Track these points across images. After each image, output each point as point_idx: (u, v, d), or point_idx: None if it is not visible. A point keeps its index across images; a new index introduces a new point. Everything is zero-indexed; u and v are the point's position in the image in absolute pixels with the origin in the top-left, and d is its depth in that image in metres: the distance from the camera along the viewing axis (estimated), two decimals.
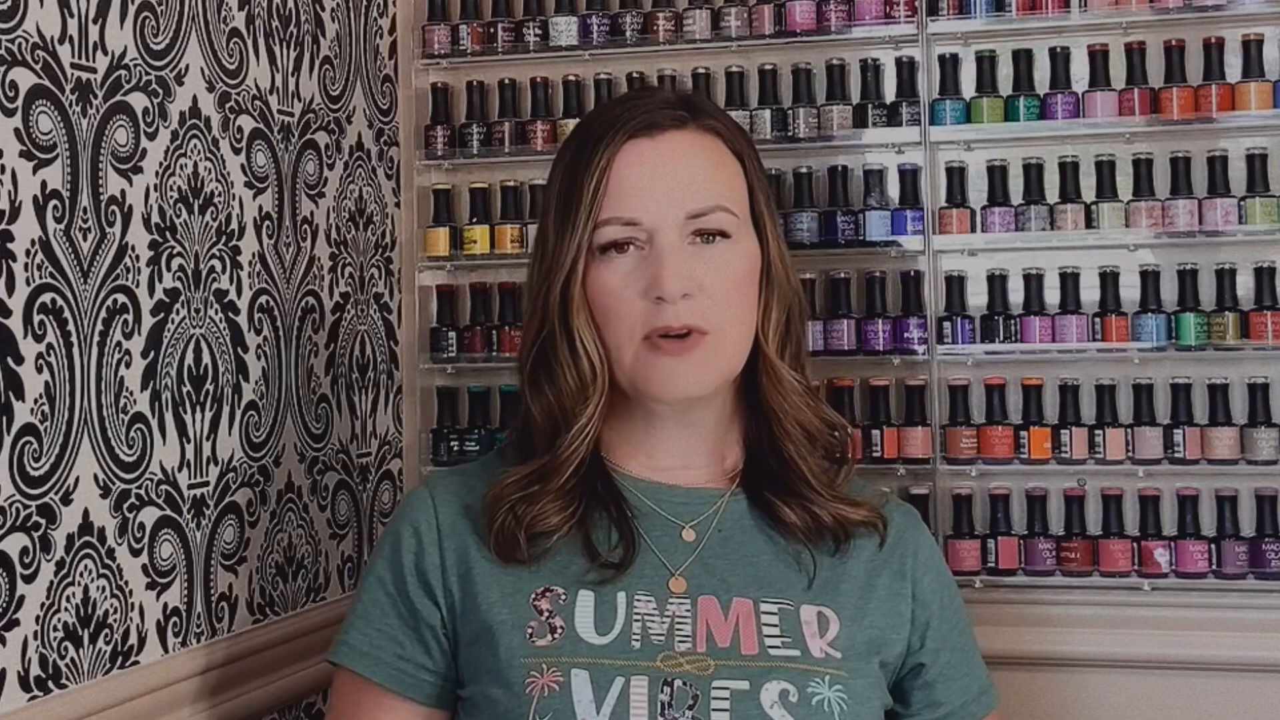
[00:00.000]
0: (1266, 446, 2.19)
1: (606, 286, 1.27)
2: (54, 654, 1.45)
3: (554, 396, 1.31)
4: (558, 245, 1.29)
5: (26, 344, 1.42)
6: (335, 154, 2.15)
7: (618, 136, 1.29)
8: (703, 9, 2.41)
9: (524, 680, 1.21)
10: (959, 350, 2.31)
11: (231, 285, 1.81)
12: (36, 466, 1.44)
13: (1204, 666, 2.15)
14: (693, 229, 1.27)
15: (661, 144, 1.30)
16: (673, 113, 1.32)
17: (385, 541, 1.36)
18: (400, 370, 2.39)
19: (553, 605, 1.25)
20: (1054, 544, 2.25)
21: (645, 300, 1.26)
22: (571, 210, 1.28)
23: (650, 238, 1.27)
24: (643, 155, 1.29)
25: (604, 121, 1.32)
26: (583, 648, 1.23)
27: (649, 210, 1.27)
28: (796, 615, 1.27)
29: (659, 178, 1.28)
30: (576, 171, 1.30)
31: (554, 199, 1.32)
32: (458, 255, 2.48)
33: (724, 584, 1.28)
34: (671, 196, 1.28)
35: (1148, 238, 2.26)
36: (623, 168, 1.28)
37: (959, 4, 2.32)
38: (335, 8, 2.16)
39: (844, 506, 1.32)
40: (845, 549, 1.32)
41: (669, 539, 1.30)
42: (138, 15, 1.63)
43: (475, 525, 1.31)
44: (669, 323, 1.26)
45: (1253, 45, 2.24)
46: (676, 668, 1.21)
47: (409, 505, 1.37)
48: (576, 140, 1.34)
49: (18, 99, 1.43)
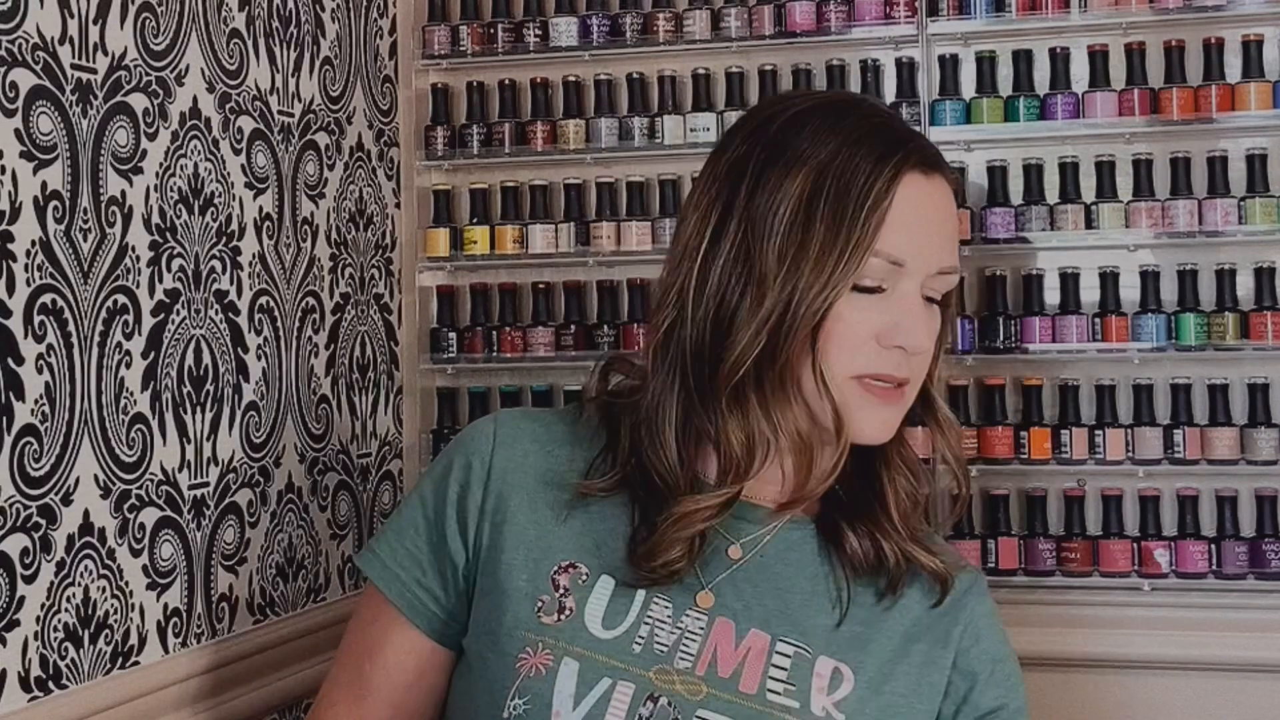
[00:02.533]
0: (1266, 446, 2.19)
1: (845, 319, 1.17)
2: (54, 654, 1.45)
3: (769, 424, 1.19)
4: (816, 266, 1.15)
5: (27, 344, 1.42)
6: (335, 154, 2.15)
7: (904, 164, 1.18)
8: (703, 9, 2.41)
9: (517, 654, 1.18)
10: (958, 351, 2.31)
11: (232, 286, 1.81)
12: (37, 467, 1.44)
13: (1204, 666, 2.15)
14: (931, 286, 1.21)
15: (933, 185, 1.21)
16: (934, 151, 1.23)
17: (439, 465, 1.29)
18: (400, 371, 2.39)
19: (571, 584, 1.21)
20: (1054, 544, 2.25)
21: (876, 343, 1.18)
22: (842, 232, 1.16)
23: (897, 281, 1.19)
24: (922, 192, 1.19)
25: (876, 136, 1.19)
26: (583, 638, 1.19)
27: (915, 254, 1.18)
28: (811, 664, 1.21)
29: (931, 220, 1.20)
30: (845, 190, 1.16)
31: (804, 211, 1.17)
32: (458, 256, 2.48)
33: (747, 611, 1.22)
34: (934, 244, 1.20)
35: (1148, 238, 2.26)
36: (903, 200, 1.17)
37: (959, 4, 2.32)
38: (335, 8, 2.16)
39: (919, 550, 1.26)
40: (893, 600, 1.25)
41: (711, 550, 1.23)
42: (138, 16, 1.63)
43: (528, 476, 1.25)
44: (892, 372, 1.19)
45: (1253, 45, 2.24)
46: (668, 684, 1.17)
47: (471, 436, 1.29)
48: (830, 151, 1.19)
49: (18, 100, 1.43)
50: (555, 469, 1.26)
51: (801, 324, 1.16)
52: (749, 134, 1.24)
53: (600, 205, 2.47)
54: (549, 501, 1.24)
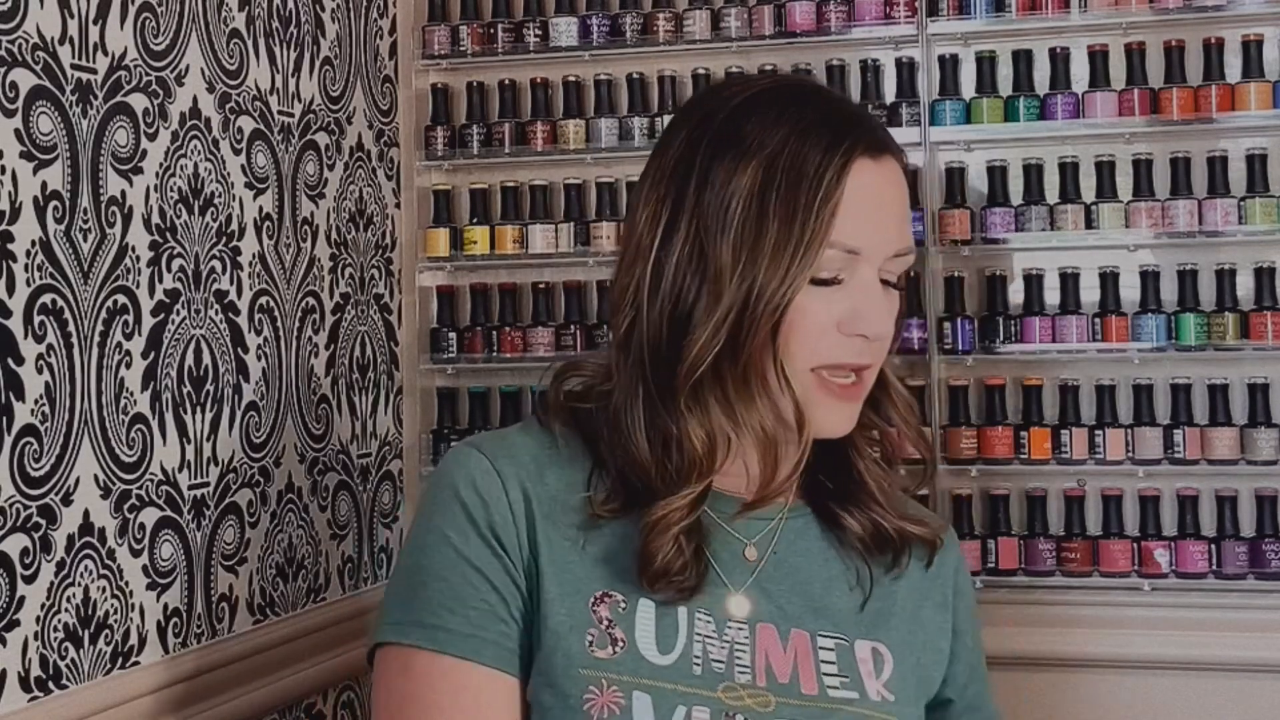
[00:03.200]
0: (1266, 446, 2.19)
1: (806, 312, 1.16)
2: (54, 654, 1.45)
3: (730, 422, 1.18)
4: (772, 262, 1.15)
5: (27, 345, 1.42)
6: (335, 155, 2.15)
7: (853, 152, 1.17)
8: (703, 10, 2.41)
9: (582, 695, 1.14)
10: (959, 351, 2.31)
11: (232, 286, 1.81)
12: (37, 467, 1.44)
13: (1204, 666, 2.15)
14: (887, 269, 1.20)
15: (883, 169, 1.20)
16: (882, 134, 1.22)
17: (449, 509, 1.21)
18: (400, 371, 2.39)
19: (613, 614, 1.17)
20: (1054, 544, 2.25)
21: (837, 333, 1.17)
22: (795, 226, 1.15)
23: (855, 268, 1.18)
24: (872, 178, 1.18)
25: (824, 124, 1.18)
26: (645, 667, 1.16)
27: (870, 241, 1.17)
28: (852, 652, 1.22)
29: (884, 205, 1.19)
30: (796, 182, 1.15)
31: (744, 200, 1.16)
32: (458, 256, 2.48)
33: (781, 612, 1.21)
34: (889, 229, 1.19)
35: (1148, 238, 2.26)
36: (854, 189, 1.16)
37: (959, 4, 2.32)
38: (335, 8, 2.16)
39: (907, 523, 1.27)
40: (901, 566, 1.26)
41: (731, 557, 1.22)
42: (138, 16, 1.63)
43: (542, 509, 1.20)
44: (854, 360, 1.18)
45: (1253, 45, 2.24)
46: (738, 701, 1.17)
47: (467, 470, 1.22)
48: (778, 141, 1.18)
49: (18, 100, 1.43)
50: (557, 495, 1.21)
51: (762, 320, 1.15)
52: (693, 128, 1.22)
53: (600, 205, 2.47)
54: (563, 530, 1.20)
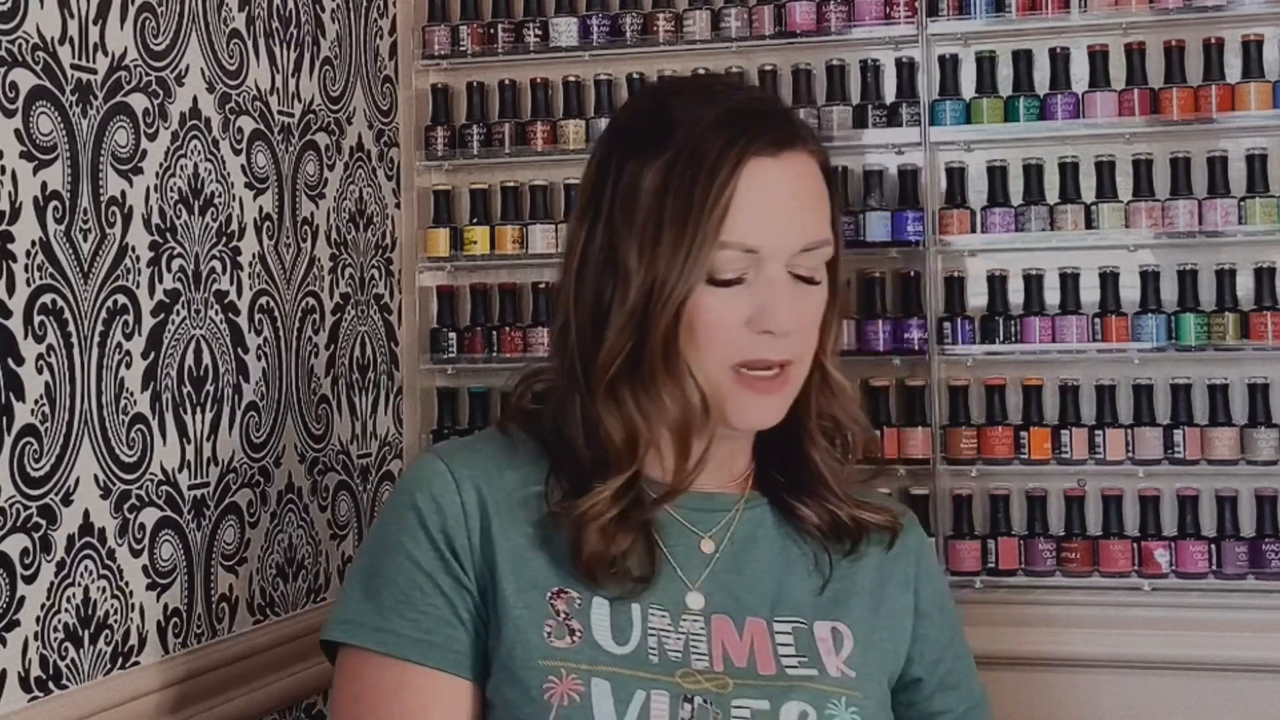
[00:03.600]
0: (1266, 447, 2.19)
1: (711, 311, 1.20)
2: (54, 654, 1.45)
3: (641, 416, 1.21)
4: (666, 261, 1.19)
5: (27, 345, 1.42)
6: (335, 155, 2.15)
7: (745, 152, 1.20)
8: (703, 10, 2.41)
9: (541, 685, 1.17)
10: (959, 351, 2.31)
11: (232, 286, 1.81)
12: (37, 467, 1.44)
13: (1204, 666, 2.15)
14: (797, 263, 1.22)
15: (782, 165, 1.22)
16: (786, 129, 1.24)
17: (404, 516, 1.25)
18: (400, 371, 2.39)
19: (569, 608, 1.21)
20: (1054, 544, 2.25)
21: (747, 330, 1.21)
22: (687, 227, 1.19)
23: (759, 265, 1.21)
24: (767, 177, 1.21)
25: (718, 127, 1.21)
26: (603, 656, 1.19)
27: (769, 238, 1.20)
28: (810, 633, 1.25)
29: (782, 202, 1.21)
30: (692, 183, 1.19)
31: (646, 204, 1.21)
32: (458, 256, 2.48)
33: (737, 602, 1.25)
34: (790, 225, 1.21)
35: (1148, 238, 2.26)
36: (746, 189, 1.19)
37: (959, 5, 2.32)
38: (335, 9, 2.16)
39: (863, 512, 1.30)
40: (859, 551, 1.30)
41: (686, 550, 1.26)
42: (138, 16, 1.63)
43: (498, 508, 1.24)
44: (768, 356, 1.21)
45: (1253, 45, 2.24)
46: (695, 685, 1.19)
47: (424, 477, 1.26)
48: (675, 142, 1.21)
49: (18, 100, 1.43)
50: (515, 495, 1.25)
51: (661, 317, 1.19)
52: (612, 133, 1.27)
53: None
54: (520, 528, 1.23)
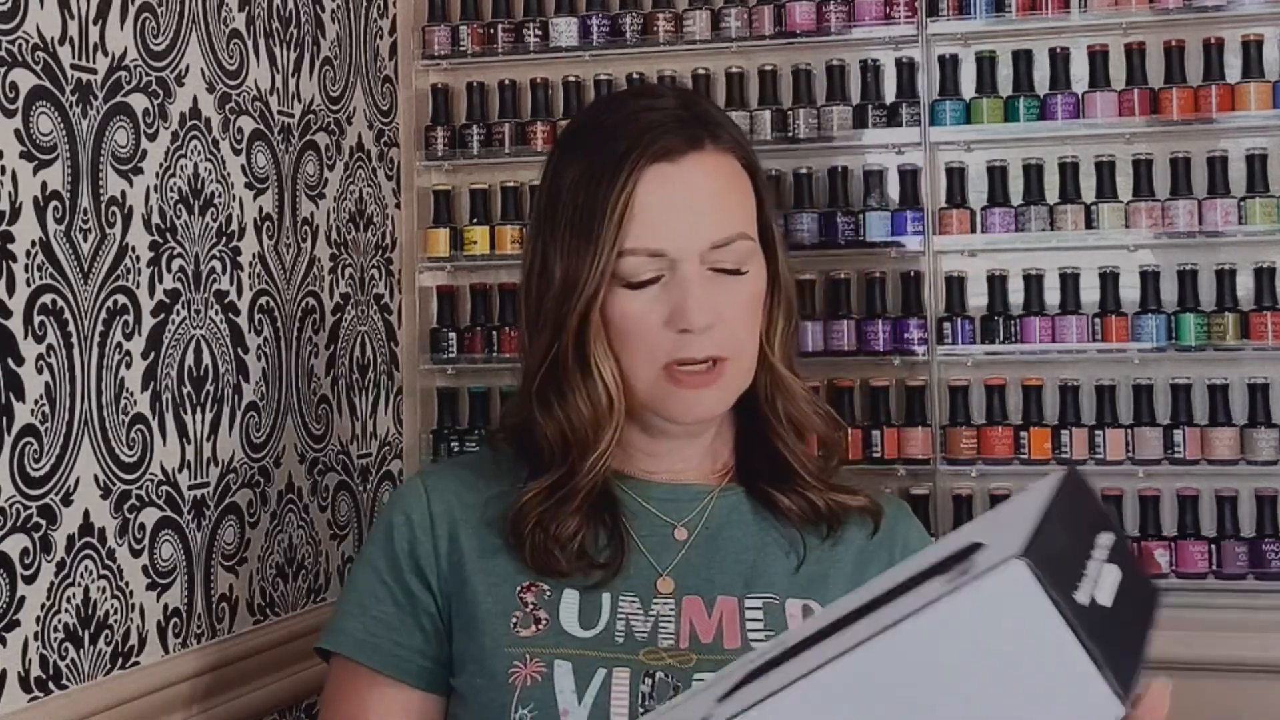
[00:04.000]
0: (1266, 447, 2.19)
1: (628, 314, 1.25)
2: (54, 655, 1.45)
3: (565, 418, 1.28)
4: (575, 268, 1.25)
5: (27, 345, 1.42)
6: (335, 155, 2.15)
7: (640, 161, 1.25)
8: (703, 10, 2.41)
9: (507, 670, 1.22)
10: (959, 351, 2.31)
11: (232, 286, 1.81)
12: (37, 467, 1.44)
13: (1204, 666, 2.15)
14: (714, 259, 1.26)
15: (684, 169, 1.26)
16: (691, 133, 1.28)
17: (378, 530, 1.36)
18: (400, 371, 2.39)
19: (538, 599, 1.26)
20: None
21: (668, 330, 1.24)
22: (591, 235, 1.24)
23: (673, 266, 1.25)
24: (665, 182, 1.25)
25: (621, 137, 1.27)
26: (566, 639, 1.24)
27: (673, 240, 1.25)
28: (782, 609, 1.27)
29: (682, 206, 1.26)
30: (594, 192, 1.25)
31: (565, 214, 1.28)
32: (458, 256, 2.48)
33: (709, 583, 1.28)
34: (695, 226, 1.25)
35: (1148, 238, 2.26)
36: (645, 195, 1.24)
37: (959, 5, 2.32)
38: (335, 9, 2.16)
39: (840, 495, 1.33)
40: (838, 534, 1.32)
41: (658, 539, 1.30)
42: (138, 16, 1.63)
43: (469, 516, 1.31)
44: (693, 354, 1.25)
45: (1253, 45, 2.24)
46: (658, 661, 1.23)
47: (402, 494, 1.37)
48: (588, 152, 1.29)
49: (18, 100, 1.43)
50: (489, 500, 1.31)
51: (570, 320, 1.25)
52: (554, 145, 1.37)
53: None
54: (493, 532, 1.29)
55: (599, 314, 1.25)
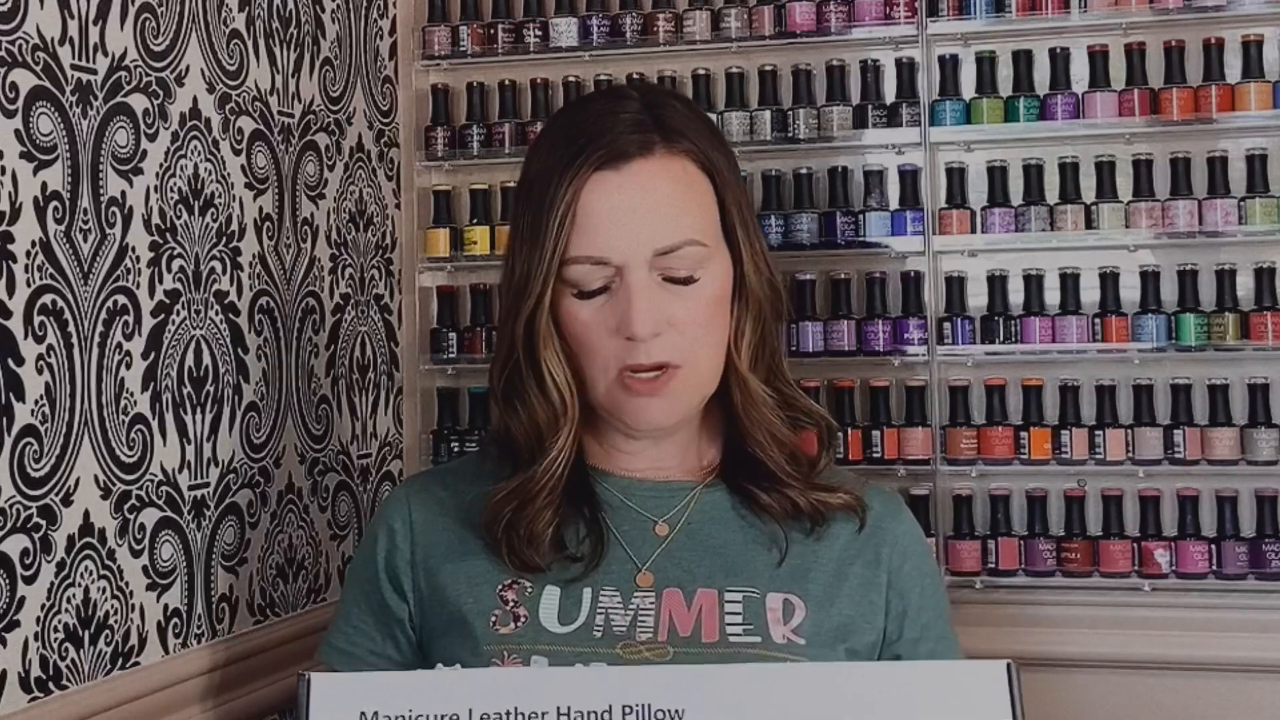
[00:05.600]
0: (1266, 447, 2.19)
1: (577, 320, 1.27)
2: (54, 655, 1.45)
3: (526, 419, 1.31)
4: (525, 273, 1.27)
5: (27, 345, 1.42)
6: (335, 155, 2.15)
7: (583, 170, 1.25)
8: (703, 10, 2.41)
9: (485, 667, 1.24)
10: (959, 351, 2.31)
11: (232, 286, 1.81)
12: (37, 468, 1.44)
13: (1204, 666, 2.15)
14: (663, 265, 1.26)
15: (627, 176, 1.26)
16: (640, 138, 1.27)
17: (364, 541, 1.40)
18: (401, 371, 2.39)
19: (518, 596, 1.28)
20: (1054, 545, 2.25)
21: (617, 337, 1.25)
22: (538, 241, 1.26)
23: (620, 273, 1.25)
24: (608, 189, 1.25)
25: (570, 143, 1.27)
26: (544, 635, 1.26)
27: (616, 248, 1.25)
28: (762, 602, 1.28)
29: (625, 213, 1.25)
30: (541, 198, 1.26)
31: (523, 216, 1.30)
32: (458, 256, 2.48)
33: (689, 576, 1.29)
34: (639, 233, 1.25)
35: (1148, 238, 2.26)
36: (589, 203, 1.25)
37: (959, 5, 2.32)
38: (335, 9, 2.16)
39: (822, 494, 1.33)
40: (821, 531, 1.32)
41: (639, 534, 1.31)
42: (138, 17, 1.63)
43: (448, 520, 1.33)
44: (640, 361, 1.25)
45: (1253, 46, 2.24)
46: (635, 654, 1.24)
47: (385, 505, 1.40)
48: (548, 155, 1.29)
49: (18, 100, 1.43)
50: (475, 502, 1.33)
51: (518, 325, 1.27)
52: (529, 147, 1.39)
53: None
54: (474, 534, 1.31)
55: (550, 319, 1.27)
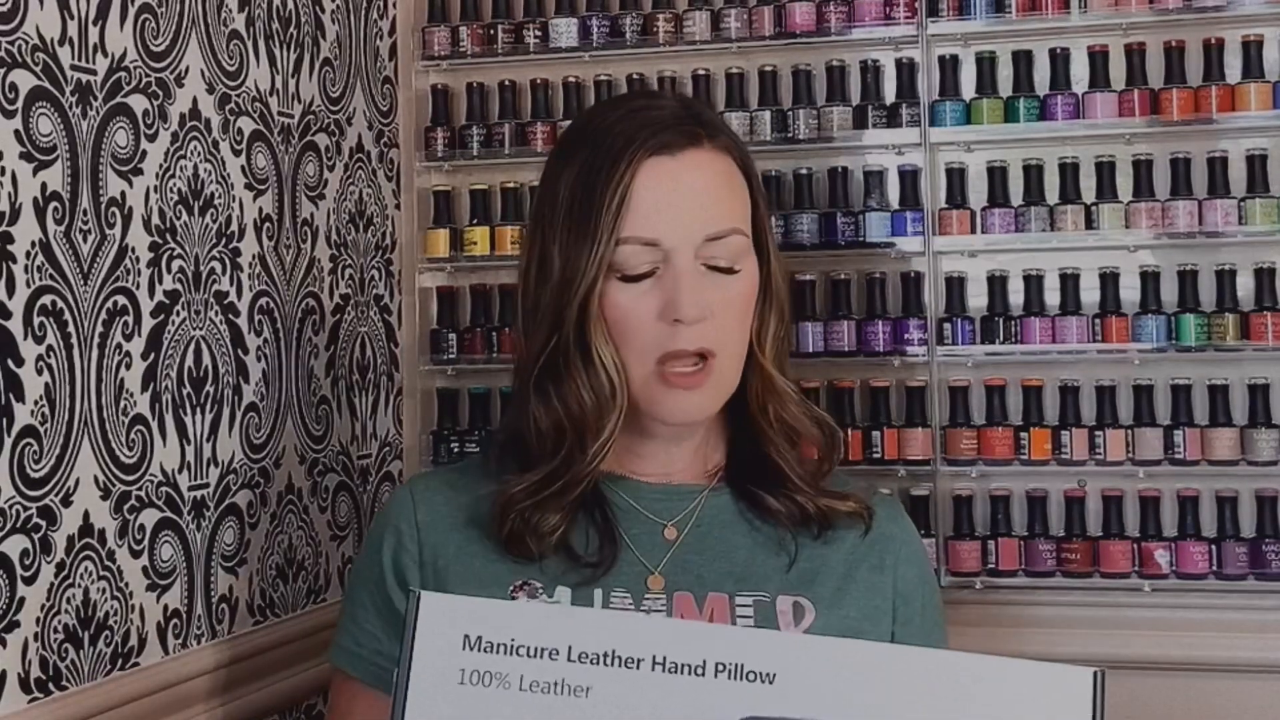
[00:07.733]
0: (1266, 447, 2.19)
1: (621, 305, 1.27)
2: (54, 656, 1.45)
3: (564, 409, 1.29)
4: (574, 258, 1.27)
5: (27, 346, 1.42)
6: (335, 156, 2.15)
7: (639, 153, 1.27)
8: (703, 10, 2.41)
9: None
10: (959, 351, 2.31)
11: (232, 287, 1.81)
12: (37, 468, 1.44)
13: (1204, 666, 2.15)
14: (708, 254, 1.28)
15: (682, 162, 1.29)
16: (689, 129, 1.31)
17: (368, 542, 1.40)
18: (400, 372, 2.39)
19: (529, 596, 1.28)
20: (1054, 545, 2.25)
21: (660, 321, 1.26)
22: (590, 225, 1.27)
23: (667, 258, 1.27)
24: (663, 174, 1.28)
25: (620, 133, 1.30)
26: None
27: (669, 231, 1.27)
28: (772, 606, 1.28)
29: (679, 197, 1.28)
30: (593, 184, 1.28)
31: (563, 207, 1.30)
32: (458, 257, 2.48)
33: (700, 580, 1.29)
34: (692, 217, 1.28)
35: (1148, 238, 2.26)
36: (643, 187, 1.27)
37: (959, 5, 2.32)
38: (335, 10, 2.16)
39: (830, 500, 1.34)
40: (827, 535, 1.33)
41: (649, 537, 1.31)
42: (138, 17, 1.63)
43: (455, 520, 1.33)
44: (684, 346, 1.26)
45: (1253, 46, 2.24)
46: None
47: (390, 504, 1.40)
48: (588, 148, 1.31)
49: (18, 101, 1.43)
50: (480, 503, 1.32)
51: (570, 310, 1.27)
52: (554, 146, 1.39)
53: None
54: (487, 531, 1.31)
55: (598, 304, 1.27)
